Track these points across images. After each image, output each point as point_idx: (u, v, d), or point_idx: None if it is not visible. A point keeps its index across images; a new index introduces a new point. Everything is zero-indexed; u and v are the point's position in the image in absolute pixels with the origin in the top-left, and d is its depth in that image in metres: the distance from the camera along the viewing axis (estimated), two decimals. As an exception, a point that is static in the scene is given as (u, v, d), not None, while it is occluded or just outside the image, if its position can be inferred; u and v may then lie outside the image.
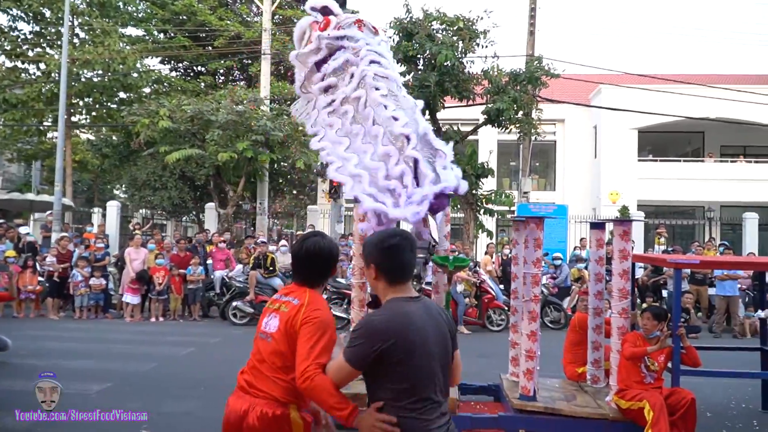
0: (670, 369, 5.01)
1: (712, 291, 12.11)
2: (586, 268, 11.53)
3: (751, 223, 17.26)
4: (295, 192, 22.47)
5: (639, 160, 23.64)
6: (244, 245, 12.80)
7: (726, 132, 24.30)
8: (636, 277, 12.69)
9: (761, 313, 6.27)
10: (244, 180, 15.70)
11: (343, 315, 10.38)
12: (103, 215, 17.23)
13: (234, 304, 10.85)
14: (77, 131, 24.98)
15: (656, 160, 24.41)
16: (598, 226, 5.86)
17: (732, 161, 24.46)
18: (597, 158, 24.35)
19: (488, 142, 24.46)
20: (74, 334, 9.59)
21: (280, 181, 20.08)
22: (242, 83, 22.01)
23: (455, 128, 14.17)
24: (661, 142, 26.28)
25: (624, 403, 4.84)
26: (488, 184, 20.60)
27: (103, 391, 6.18)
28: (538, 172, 27.46)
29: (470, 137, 22.97)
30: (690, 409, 4.71)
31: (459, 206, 14.27)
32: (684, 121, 20.70)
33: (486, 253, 13.62)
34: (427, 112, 13.77)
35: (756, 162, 24.21)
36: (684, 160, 24.85)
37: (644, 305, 11.99)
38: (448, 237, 5.68)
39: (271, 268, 10.93)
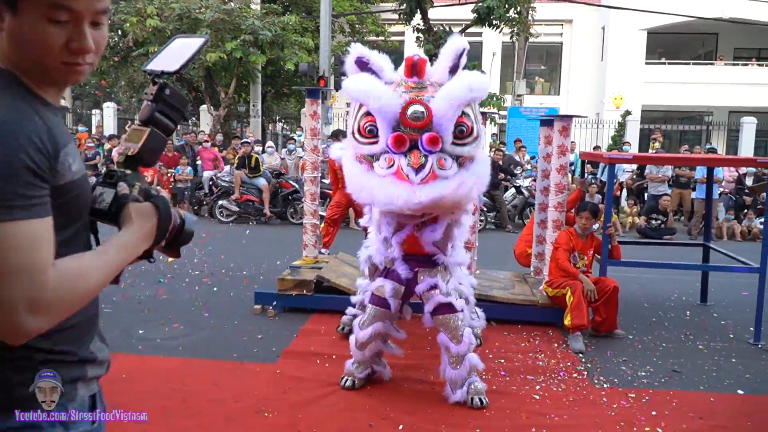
0: (599, 260, 5.24)
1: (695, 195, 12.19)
2: (573, 171, 11.60)
3: (748, 128, 16.95)
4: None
5: (646, 63, 22.89)
6: (231, 146, 12.97)
7: (741, 34, 23.26)
8: (622, 180, 12.85)
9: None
10: (236, 81, 15.60)
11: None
12: (103, 117, 17.39)
13: (220, 203, 11.18)
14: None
15: (664, 64, 23.62)
16: (547, 123, 5.89)
17: (743, 65, 23.58)
18: (603, 61, 23.61)
19: (492, 44, 23.75)
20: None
21: (279, 83, 19.85)
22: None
23: (446, 28, 13.73)
24: (674, 45, 25.31)
25: (551, 291, 5.13)
26: (492, 87, 20.28)
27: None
28: (544, 75, 26.80)
29: (473, 39, 22.40)
30: (612, 296, 4.98)
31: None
32: (697, 22, 19.82)
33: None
34: (418, 10, 13.40)
35: (768, 65, 23.33)
36: (693, 64, 24.00)
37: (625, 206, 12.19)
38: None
39: (254, 168, 11.13)
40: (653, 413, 3.58)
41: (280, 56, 15.17)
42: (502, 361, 4.46)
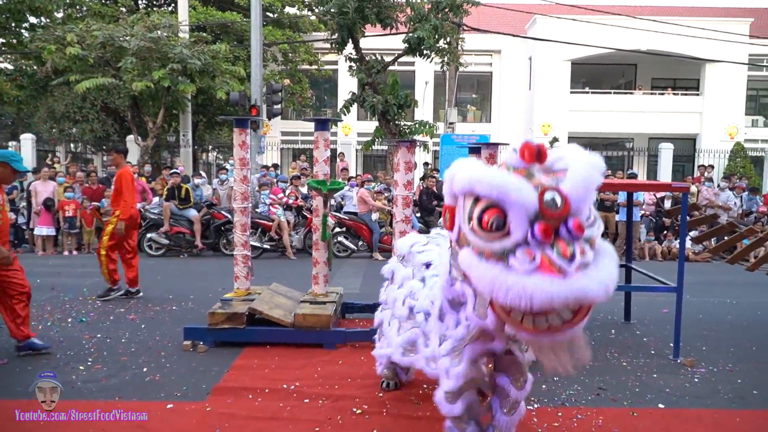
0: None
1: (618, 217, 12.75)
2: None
3: (665, 153, 18.01)
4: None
5: (571, 92, 24.04)
6: (160, 176, 12.63)
7: (657, 65, 24.88)
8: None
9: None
10: (165, 111, 15.25)
11: (257, 244, 10.52)
12: (20, 149, 16.57)
13: (149, 235, 10.82)
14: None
15: (587, 92, 24.87)
16: (475, 150, 6.04)
17: (660, 94, 25.15)
18: (531, 90, 24.62)
19: (425, 73, 24.35)
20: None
21: (210, 112, 19.55)
22: (169, 8, 20.97)
23: (378, 57, 13.96)
24: (596, 74, 26.74)
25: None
26: (425, 115, 20.75)
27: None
28: (475, 103, 27.65)
29: (406, 68, 22.92)
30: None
31: (384, 137, 14.34)
32: (617, 53, 21.04)
33: (406, 182, 13.85)
34: (350, 40, 13.58)
35: (683, 94, 24.98)
36: (614, 92, 25.40)
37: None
38: (327, 162, 5.79)
39: (185, 199, 10.86)
40: (581, 432, 3.66)
41: (210, 85, 14.98)
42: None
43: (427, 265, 3.59)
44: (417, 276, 3.64)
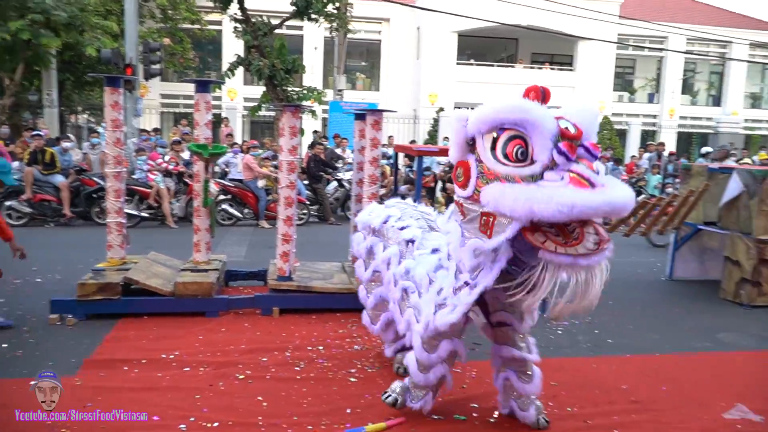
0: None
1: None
2: (390, 164, 12.10)
3: (542, 124, 19.13)
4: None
5: (457, 63, 24.68)
6: (20, 139, 11.52)
7: (537, 40, 26.08)
8: (436, 171, 13.74)
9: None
10: (24, 67, 13.82)
11: (134, 212, 9.97)
12: None
13: (8, 203, 9.87)
14: None
15: (472, 64, 25.67)
16: (361, 117, 6.08)
17: (539, 68, 26.48)
18: (419, 60, 24.97)
19: (314, 38, 23.89)
20: None
21: (80, 70, 17.99)
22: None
23: (265, 19, 13.50)
24: (481, 47, 27.59)
25: (367, 278, 5.30)
26: (314, 82, 20.42)
27: None
28: (364, 71, 27.62)
29: (294, 32, 22.37)
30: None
31: (271, 102, 13.99)
32: (501, 27, 21.73)
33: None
34: (235, 1, 13.00)
35: (560, 69, 26.49)
36: (497, 65, 26.40)
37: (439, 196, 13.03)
38: (209, 125, 5.56)
39: (50, 164, 10.00)
40: (462, 385, 3.88)
41: (79, 40, 13.76)
42: (321, 348, 4.52)
43: (410, 242, 3.58)
44: (407, 255, 3.56)
